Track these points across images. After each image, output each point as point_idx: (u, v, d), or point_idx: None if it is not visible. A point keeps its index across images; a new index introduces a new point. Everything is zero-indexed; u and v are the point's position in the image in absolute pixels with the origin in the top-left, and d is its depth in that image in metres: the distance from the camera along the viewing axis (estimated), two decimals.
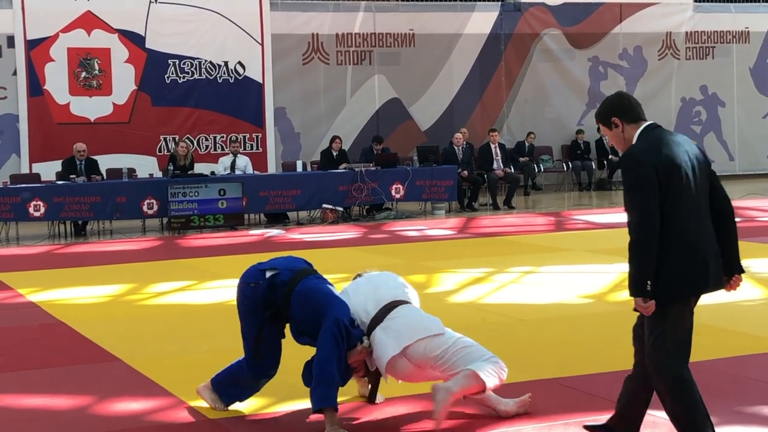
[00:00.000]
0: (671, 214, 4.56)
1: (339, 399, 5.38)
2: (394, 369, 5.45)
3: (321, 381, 5.25)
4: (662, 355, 4.65)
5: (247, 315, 5.63)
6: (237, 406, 5.90)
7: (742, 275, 4.88)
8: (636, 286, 4.59)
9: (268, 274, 5.55)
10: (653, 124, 4.74)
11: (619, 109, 4.75)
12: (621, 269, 10.96)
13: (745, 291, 9.38)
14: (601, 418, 5.51)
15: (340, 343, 5.30)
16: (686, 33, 23.73)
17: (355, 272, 6.08)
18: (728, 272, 4.82)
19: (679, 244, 4.58)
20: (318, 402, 5.26)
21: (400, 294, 5.70)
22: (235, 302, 5.73)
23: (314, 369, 5.31)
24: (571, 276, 10.77)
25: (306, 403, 5.56)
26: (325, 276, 5.81)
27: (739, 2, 24.30)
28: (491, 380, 5.32)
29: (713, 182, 4.80)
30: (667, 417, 4.74)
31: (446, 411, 5.24)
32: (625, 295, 9.11)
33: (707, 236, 4.68)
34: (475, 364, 5.32)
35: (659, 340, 4.66)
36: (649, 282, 4.54)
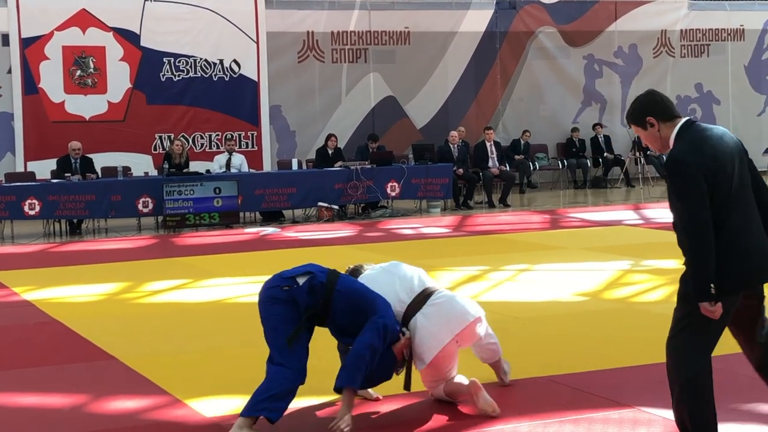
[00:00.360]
0: (719, 213, 4.47)
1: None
2: (444, 354, 5.55)
3: (351, 364, 5.31)
4: (681, 354, 4.58)
5: (280, 320, 5.42)
6: (233, 405, 5.89)
7: None
8: (700, 290, 4.43)
9: (301, 280, 5.47)
10: (689, 121, 4.65)
11: (654, 108, 4.67)
12: (616, 267, 11.02)
13: None
14: (596, 416, 5.52)
15: (381, 339, 5.34)
16: (681, 31, 23.76)
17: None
18: None
19: (726, 243, 4.48)
20: (342, 380, 5.30)
21: (427, 281, 5.80)
22: (230, 301, 5.73)
23: (349, 354, 5.37)
24: (566, 274, 10.78)
25: (300, 401, 5.57)
26: None
27: (733, 0, 24.33)
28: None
29: (753, 173, 4.68)
30: (673, 416, 4.72)
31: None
32: (619, 292, 9.14)
33: (756, 231, 4.57)
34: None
35: (679, 339, 4.58)
36: (713, 285, 4.42)
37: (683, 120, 4.63)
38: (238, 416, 5.32)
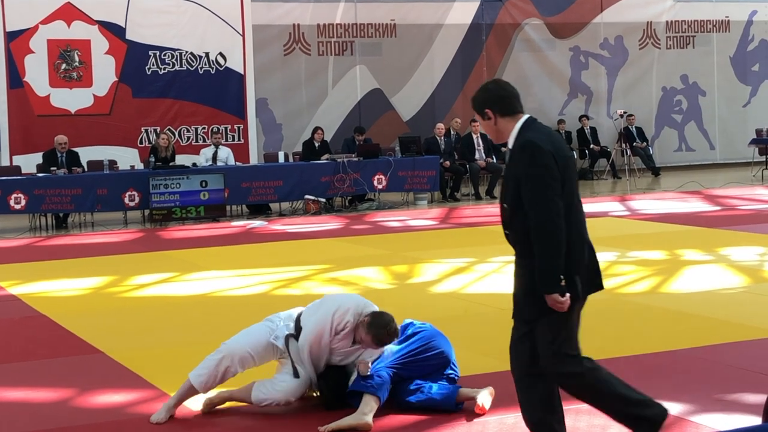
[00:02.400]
0: (569, 208, 4.47)
1: None
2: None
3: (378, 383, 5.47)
4: (562, 361, 4.61)
5: None
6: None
7: None
8: (552, 281, 4.39)
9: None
10: (532, 118, 4.62)
11: (495, 102, 4.59)
12: (602, 258, 10.96)
13: (725, 279, 9.47)
14: (583, 407, 5.53)
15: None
16: (667, 22, 23.79)
17: (336, 263, 6.12)
18: None
19: (578, 240, 4.50)
20: (366, 387, 5.41)
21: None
22: (217, 294, 5.76)
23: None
24: None
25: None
26: (307, 267, 5.84)
27: None
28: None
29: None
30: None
31: None
32: (605, 283, 9.15)
33: (587, 235, 4.62)
34: None
35: (557, 346, 4.58)
36: (562, 276, 4.41)
37: (526, 116, 4.60)
38: (224, 409, 5.33)
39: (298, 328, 5.60)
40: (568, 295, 4.45)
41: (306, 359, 5.51)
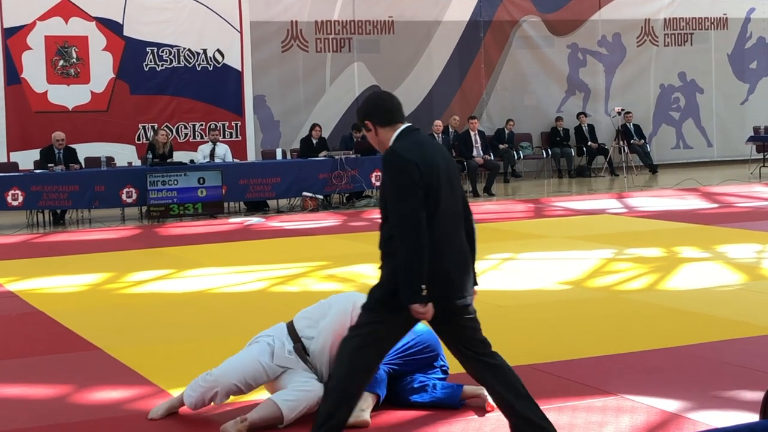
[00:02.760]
0: (432, 218, 4.48)
1: None
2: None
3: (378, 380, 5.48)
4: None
5: None
6: None
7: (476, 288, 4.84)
8: (413, 291, 4.44)
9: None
10: (411, 127, 4.68)
11: (373, 113, 4.68)
12: (599, 255, 11.06)
13: (722, 276, 9.48)
14: (580, 403, 5.55)
15: None
16: (665, 20, 23.79)
17: (334, 260, 6.10)
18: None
19: (441, 251, 4.52)
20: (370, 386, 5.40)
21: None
22: (214, 291, 5.75)
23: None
24: (550, 262, 10.81)
25: None
26: (305, 263, 5.82)
27: None
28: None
29: (463, 197, 4.75)
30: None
31: None
32: (603, 281, 9.15)
33: (458, 247, 4.63)
34: None
35: (362, 340, 4.62)
36: (423, 286, 4.45)
37: (405, 125, 4.67)
38: (221, 406, 5.31)
39: (295, 337, 5.56)
40: (430, 304, 4.49)
41: (326, 361, 5.49)
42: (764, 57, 24.82)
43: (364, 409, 5.32)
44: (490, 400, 5.49)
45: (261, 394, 5.71)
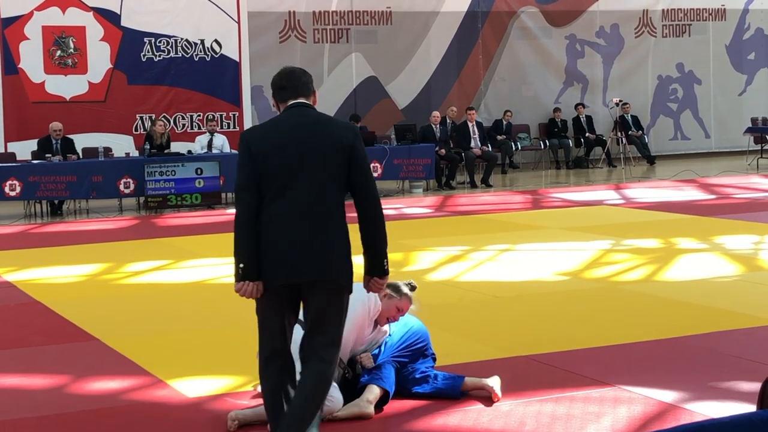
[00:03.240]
0: (264, 197, 4.49)
1: None
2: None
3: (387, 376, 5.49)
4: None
5: None
6: (215, 385, 5.90)
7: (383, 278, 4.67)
8: (235, 269, 4.53)
9: None
10: (294, 104, 4.67)
11: (274, 91, 4.76)
12: (597, 246, 11.06)
13: (720, 267, 9.49)
14: (577, 394, 5.55)
15: None
16: (663, 11, 23.76)
17: None
18: (370, 272, 4.65)
19: (262, 231, 4.52)
20: (376, 380, 5.40)
21: None
22: (212, 281, 5.74)
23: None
24: (548, 253, 10.81)
25: None
26: None
27: None
28: None
29: (362, 186, 4.70)
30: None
31: None
32: (600, 272, 9.15)
33: (302, 230, 4.50)
34: None
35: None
36: (241, 265, 4.50)
37: (290, 103, 4.68)
38: (219, 396, 5.32)
39: None
40: (247, 282, 4.52)
41: (347, 354, 5.48)
42: (762, 48, 24.81)
43: (371, 400, 5.32)
44: (497, 390, 5.48)
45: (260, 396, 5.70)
